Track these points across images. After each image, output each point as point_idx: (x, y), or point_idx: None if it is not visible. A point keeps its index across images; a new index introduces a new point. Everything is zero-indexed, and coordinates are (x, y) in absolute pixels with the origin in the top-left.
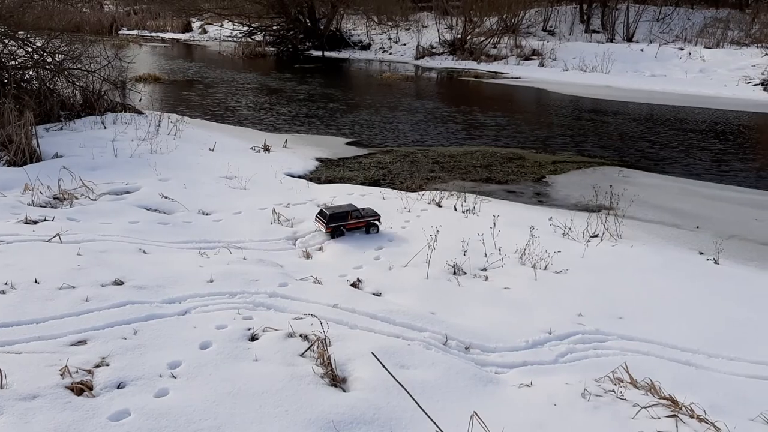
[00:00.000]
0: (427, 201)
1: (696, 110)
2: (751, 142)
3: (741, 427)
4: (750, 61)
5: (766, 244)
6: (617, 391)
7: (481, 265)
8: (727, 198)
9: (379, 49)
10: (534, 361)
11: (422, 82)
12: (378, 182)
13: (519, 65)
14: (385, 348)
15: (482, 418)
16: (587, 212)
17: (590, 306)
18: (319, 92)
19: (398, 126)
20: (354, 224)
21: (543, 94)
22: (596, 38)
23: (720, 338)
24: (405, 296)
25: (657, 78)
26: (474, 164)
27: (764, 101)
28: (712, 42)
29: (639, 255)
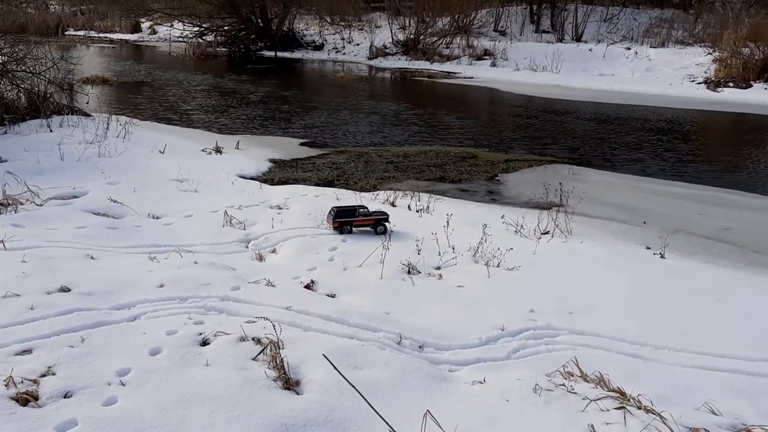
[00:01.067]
0: (382, 201)
1: (643, 108)
2: (696, 138)
3: (687, 416)
4: (694, 60)
5: (711, 238)
6: (568, 385)
7: (435, 263)
8: (673, 193)
9: (332, 49)
10: (487, 357)
11: (376, 82)
12: (332, 183)
13: (471, 65)
14: (339, 349)
15: (435, 415)
16: (538, 210)
17: (542, 302)
18: (272, 93)
19: (352, 126)
20: (362, 222)
21: (495, 93)
22: (546, 38)
23: (667, 330)
24: (359, 297)
25: (605, 77)
26: (428, 164)
27: (707, 99)
28: (657, 42)
29: (588, 250)
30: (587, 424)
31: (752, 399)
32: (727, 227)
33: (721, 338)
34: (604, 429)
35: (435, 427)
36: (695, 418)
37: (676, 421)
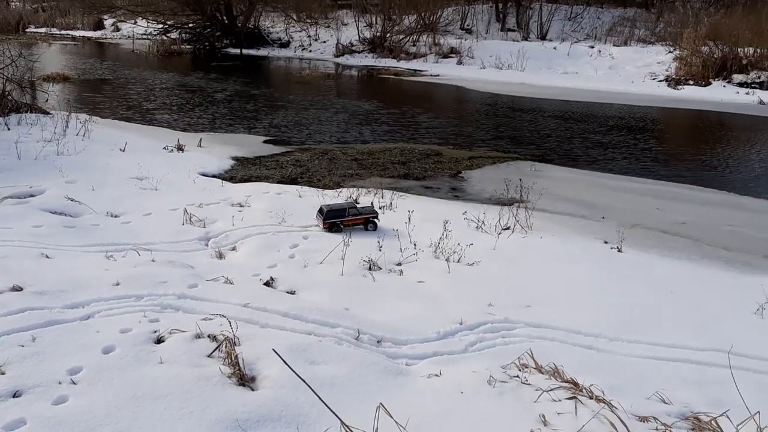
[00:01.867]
0: (345, 198)
1: (606, 106)
2: (656, 135)
3: (637, 405)
4: (655, 59)
5: (667, 232)
6: (522, 377)
7: (397, 260)
8: (631, 189)
9: (298, 46)
10: (444, 351)
11: (342, 79)
12: (295, 180)
13: (438, 63)
14: (296, 345)
15: (390, 409)
16: (500, 206)
17: (500, 296)
18: (237, 91)
19: (318, 124)
20: (351, 221)
21: (461, 91)
22: (512, 36)
23: (621, 322)
24: (319, 293)
25: (569, 75)
26: (392, 161)
27: (668, 97)
28: (620, 40)
29: (547, 245)
30: (538, 414)
31: (701, 387)
32: (683, 222)
33: (673, 329)
34: (555, 418)
35: (389, 420)
36: (646, 407)
37: (626, 410)
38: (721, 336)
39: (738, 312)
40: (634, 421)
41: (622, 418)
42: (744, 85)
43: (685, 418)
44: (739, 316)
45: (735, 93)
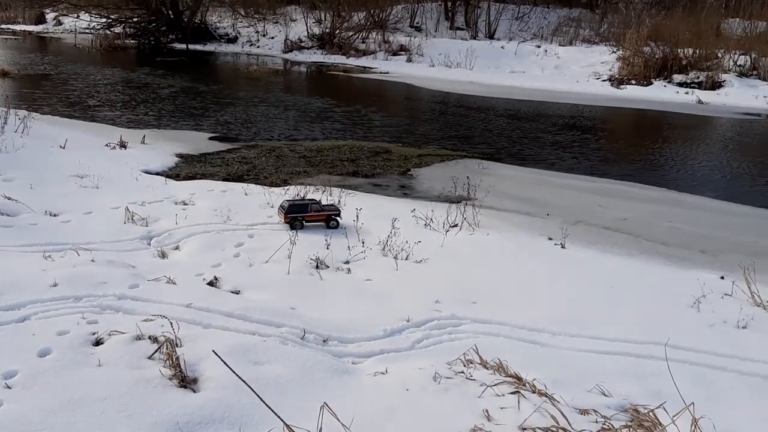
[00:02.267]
0: (293, 196)
1: (552, 105)
2: (600, 134)
3: (578, 398)
4: (599, 58)
5: (609, 228)
6: (467, 372)
7: (344, 258)
8: (575, 186)
9: (246, 42)
10: (391, 349)
11: (291, 76)
12: (242, 178)
13: (387, 60)
14: (240, 345)
15: (334, 408)
16: (448, 203)
17: (447, 292)
18: (183, 86)
19: (265, 120)
20: (313, 216)
21: (411, 89)
22: (460, 35)
23: (564, 317)
24: (265, 293)
25: (516, 74)
26: (341, 158)
27: (612, 96)
28: (565, 40)
29: (494, 242)
30: (482, 409)
31: (640, 380)
32: (624, 218)
33: (614, 323)
34: (498, 413)
35: (333, 420)
36: (586, 400)
37: (568, 403)
38: (660, 329)
39: (675, 305)
40: (574, 414)
41: (563, 412)
42: (684, 84)
43: (624, 410)
44: (677, 310)
45: (675, 92)
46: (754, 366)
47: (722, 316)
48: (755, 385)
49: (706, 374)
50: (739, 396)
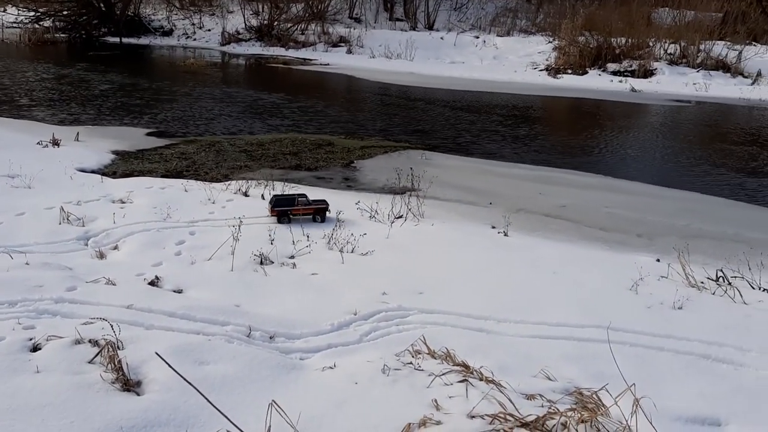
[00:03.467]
0: (233, 191)
1: (492, 95)
2: (539, 123)
3: (524, 383)
4: (536, 48)
5: (549, 216)
6: (415, 363)
7: (289, 252)
8: (517, 175)
9: (182, 35)
10: (338, 343)
11: (229, 68)
12: (181, 174)
13: (327, 52)
14: (184, 346)
15: (283, 405)
16: (392, 194)
17: (394, 284)
18: (117, 81)
19: (204, 114)
20: (300, 210)
21: (352, 80)
22: (400, 26)
23: (508, 304)
24: (208, 291)
25: (456, 65)
26: (283, 152)
27: (549, 85)
28: (503, 30)
29: (439, 232)
30: (431, 399)
31: (583, 363)
32: (564, 205)
33: (556, 308)
34: (447, 402)
35: (282, 417)
36: (532, 385)
37: (514, 389)
38: (600, 312)
39: (615, 289)
40: (521, 400)
41: (510, 398)
42: (617, 73)
43: (569, 394)
44: (616, 293)
45: (609, 81)
46: (690, 345)
47: (659, 297)
48: (692, 363)
49: (645, 355)
50: (676, 374)
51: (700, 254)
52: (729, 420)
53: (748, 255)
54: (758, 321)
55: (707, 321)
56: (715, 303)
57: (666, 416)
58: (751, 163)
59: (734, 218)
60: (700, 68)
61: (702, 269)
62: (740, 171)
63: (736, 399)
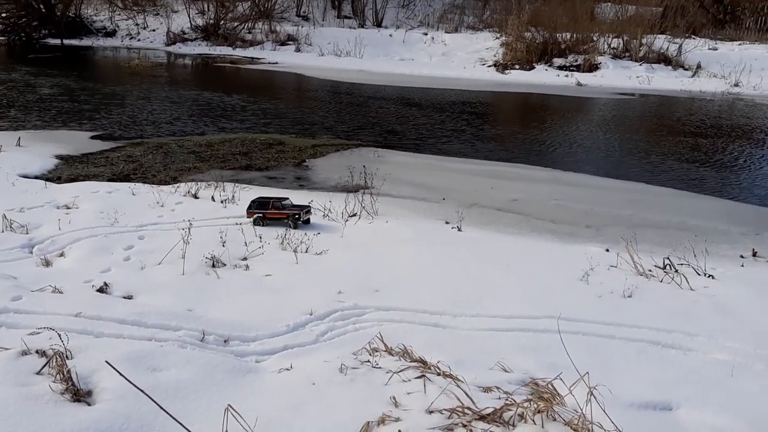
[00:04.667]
0: (183, 193)
1: (442, 91)
2: (488, 118)
3: (481, 376)
4: (484, 45)
5: (501, 210)
6: (372, 361)
7: (242, 254)
8: (468, 170)
9: (125, 35)
10: (294, 344)
11: (175, 69)
12: (128, 177)
13: (275, 50)
14: (135, 353)
15: (239, 409)
16: (346, 193)
17: (349, 283)
18: (59, 84)
19: (150, 116)
20: (274, 214)
21: (301, 78)
22: (348, 24)
23: (463, 298)
24: (159, 296)
25: (406, 62)
26: (233, 152)
27: (497, 81)
28: (451, 27)
29: (393, 229)
30: (390, 396)
31: (537, 353)
32: (515, 199)
33: (510, 301)
34: (405, 398)
35: (239, 422)
36: (489, 377)
37: (471, 382)
38: (553, 303)
39: (566, 279)
40: (478, 393)
41: (468, 391)
42: (563, 68)
43: (525, 385)
44: (568, 283)
45: (556, 76)
46: (640, 332)
47: (609, 287)
48: (642, 350)
49: (597, 343)
50: (628, 362)
51: (647, 243)
52: (680, 404)
53: (692, 242)
54: (704, 306)
55: (656, 308)
56: (663, 290)
57: (619, 403)
58: (693, 154)
59: (678, 207)
60: (642, 61)
61: (649, 258)
62: (683, 161)
63: (686, 383)
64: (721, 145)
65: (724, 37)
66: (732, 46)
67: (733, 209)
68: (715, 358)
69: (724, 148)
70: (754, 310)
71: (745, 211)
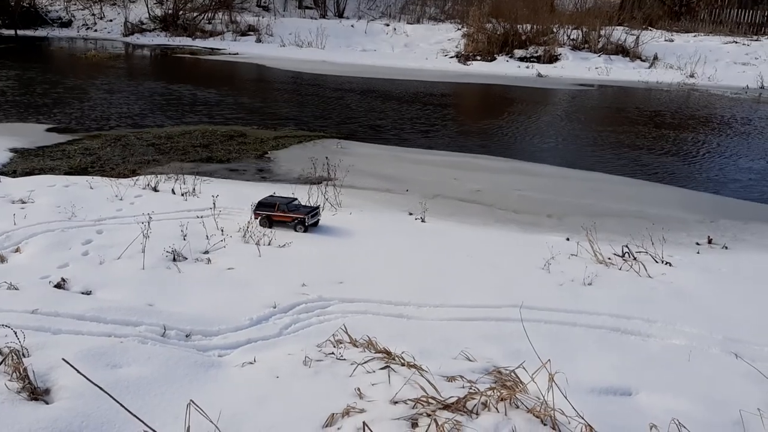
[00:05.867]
0: (142, 186)
1: (404, 82)
2: (451, 109)
3: (445, 366)
4: (446, 36)
5: (464, 200)
6: (337, 353)
7: (203, 248)
8: (431, 161)
9: (82, 26)
10: (258, 337)
11: (134, 60)
12: (86, 170)
13: (236, 41)
14: (94, 349)
15: (202, 404)
16: (309, 185)
17: (313, 275)
18: (13, 76)
19: (108, 108)
20: (280, 217)
21: (263, 69)
22: (310, 14)
23: (427, 289)
24: (119, 291)
25: (368, 52)
26: (193, 144)
27: (460, 72)
28: (413, 18)
29: (357, 221)
30: (354, 388)
31: (500, 342)
32: (478, 189)
33: (474, 290)
34: (370, 390)
35: (201, 418)
36: (453, 367)
37: (435, 372)
38: (515, 292)
39: (528, 269)
40: (442, 382)
41: (432, 381)
42: (524, 59)
43: (489, 373)
44: (530, 272)
45: (517, 67)
46: (601, 319)
47: (570, 275)
48: (602, 336)
49: (559, 331)
50: (589, 348)
51: (607, 232)
52: (639, 389)
53: (650, 230)
54: (662, 293)
55: (615, 295)
56: (622, 277)
57: (580, 389)
58: (651, 143)
59: (637, 196)
60: (601, 53)
61: (609, 246)
62: (641, 151)
63: (644, 368)
64: (677, 135)
65: (680, 29)
66: (687, 38)
67: (690, 197)
68: (672, 343)
69: (680, 138)
70: (709, 296)
71: (700, 199)
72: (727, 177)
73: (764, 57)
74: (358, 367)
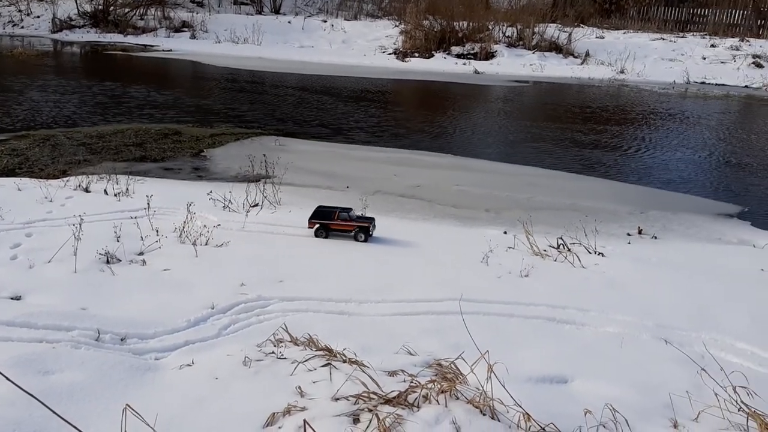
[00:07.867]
0: (73, 187)
1: (343, 79)
2: (390, 106)
3: (387, 361)
4: (384, 32)
5: (404, 196)
6: (277, 352)
7: (138, 249)
8: (371, 158)
9: (7, 22)
10: (196, 339)
11: (63, 57)
12: (13, 171)
13: (170, 37)
14: (25, 356)
15: (139, 408)
16: (247, 183)
17: (252, 274)
18: None
19: (36, 107)
20: (340, 226)
21: (197, 66)
22: (245, 10)
23: (368, 285)
24: (50, 295)
25: (306, 49)
26: (126, 143)
27: (398, 69)
28: (350, 14)
29: (296, 218)
30: (295, 386)
31: (440, 335)
32: (417, 185)
33: (414, 285)
34: (311, 387)
35: (138, 421)
36: (394, 361)
37: (377, 367)
38: (455, 285)
39: (467, 262)
40: (384, 377)
41: (373, 376)
42: (461, 56)
43: (429, 366)
44: (469, 266)
45: (454, 64)
46: (537, 309)
47: (507, 267)
48: (539, 326)
49: (497, 322)
50: (526, 338)
51: (543, 224)
52: (574, 376)
53: (584, 222)
54: (595, 282)
55: (551, 286)
56: (558, 269)
57: (518, 378)
58: (584, 138)
59: (570, 189)
60: (535, 50)
61: (544, 238)
62: (575, 145)
63: (579, 356)
64: (609, 129)
65: (610, 26)
66: (617, 35)
67: (621, 190)
68: (606, 331)
69: (612, 132)
70: (639, 284)
71: (631, 191)
72: (657, 169)
73: (690, 53)
74: (299, 365)
